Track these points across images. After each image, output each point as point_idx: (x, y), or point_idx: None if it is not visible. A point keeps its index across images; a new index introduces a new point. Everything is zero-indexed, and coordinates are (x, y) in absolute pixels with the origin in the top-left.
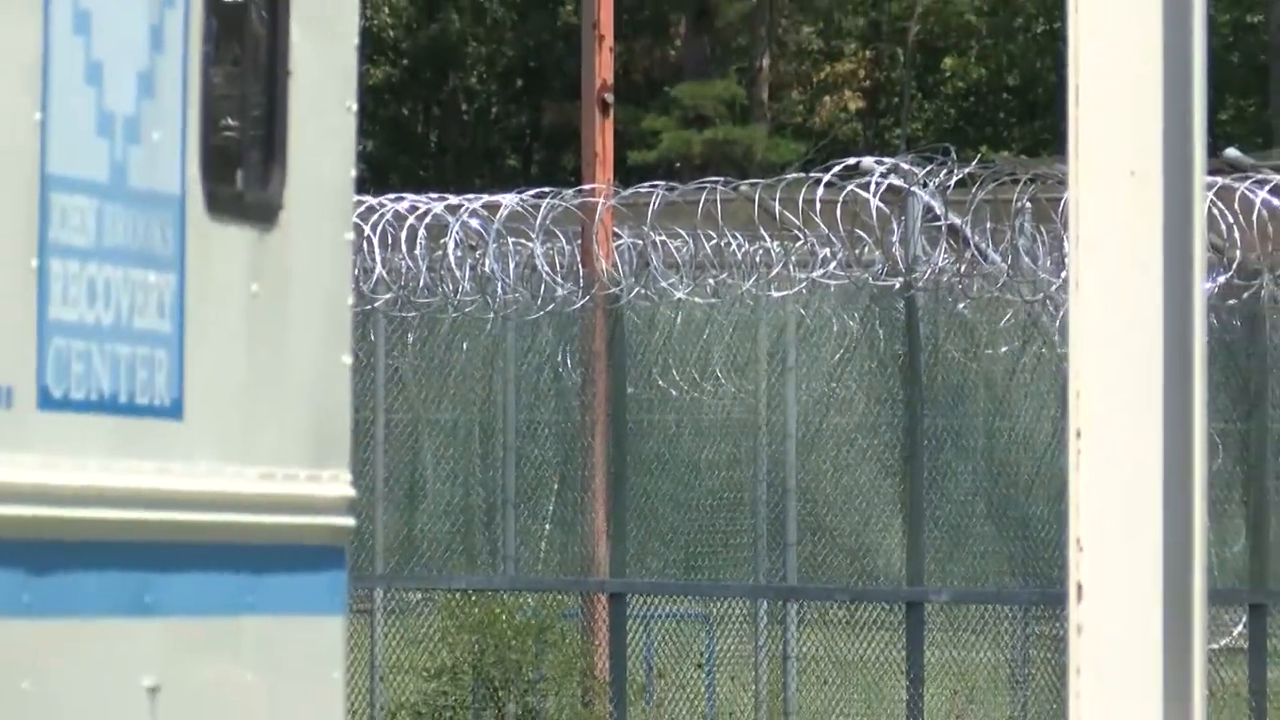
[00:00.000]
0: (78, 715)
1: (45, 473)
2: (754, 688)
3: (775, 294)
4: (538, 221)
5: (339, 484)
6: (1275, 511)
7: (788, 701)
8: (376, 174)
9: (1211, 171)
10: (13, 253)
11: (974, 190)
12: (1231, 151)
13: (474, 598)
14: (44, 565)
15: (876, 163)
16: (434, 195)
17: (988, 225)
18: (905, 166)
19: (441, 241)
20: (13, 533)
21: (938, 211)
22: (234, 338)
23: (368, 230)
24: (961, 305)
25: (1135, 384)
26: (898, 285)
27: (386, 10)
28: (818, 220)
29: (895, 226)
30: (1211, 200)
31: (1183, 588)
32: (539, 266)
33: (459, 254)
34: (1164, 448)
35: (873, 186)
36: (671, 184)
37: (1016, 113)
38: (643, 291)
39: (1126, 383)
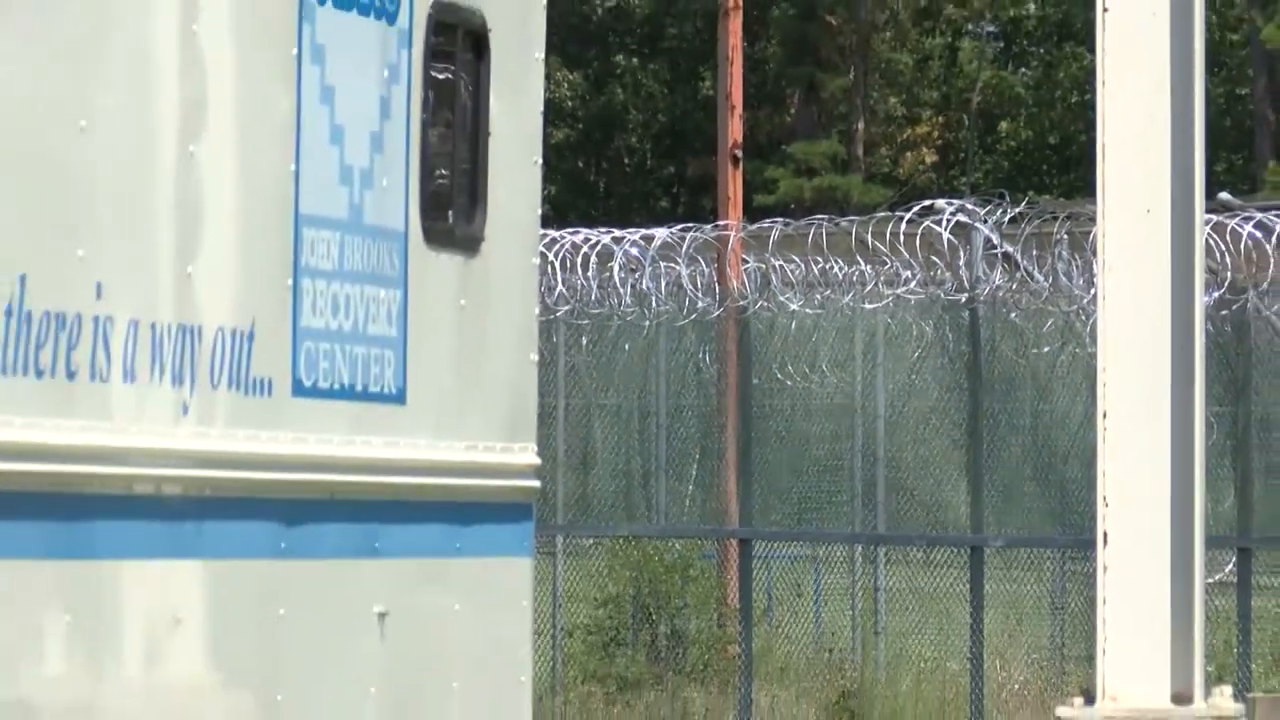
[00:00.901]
0: (323, 635)
1: (297, 445)
2: (851, 613)
3: (868, 306)
4: (683, 250)
5: (527, 454)
6: (1258, 476)
7: (877, 624)
8: (558, 213)
9: (1208, 210)
10: (273, 274)
11: (1023, 225)
12: (1224, 195)
13: (633, 543)
14: (296, 517)
15: (947, 204)
16: (602, 230)
17: (1034, 252)
18: (970, 207)
19: (608, 265)
20: (272, 493)
21: (995, 242)
22: (445, 341)
23: (550, 257)
24: (1013, 314)
25: (1149, 376)
26: (963, 299)
27: (565, 85)
28: (901, 249)
29: (962, 254)
30: (1208, 233)
31: (1185, 535)
32: (684, 285)
33: (622, 275)
34: (1171, 426)
35: (944, 222)
36: (787, 220)
37: (1056, 165)
38: (764, 304)
39: (1142, 375)
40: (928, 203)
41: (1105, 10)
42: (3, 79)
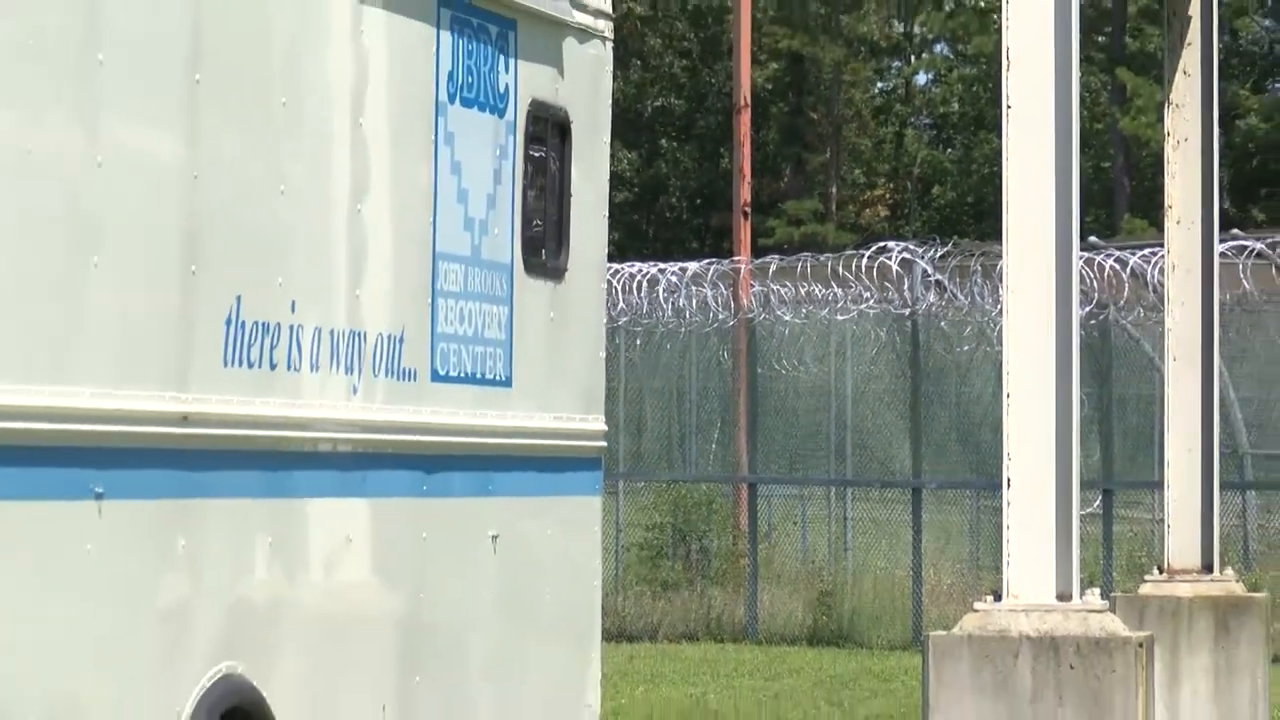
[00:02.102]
0: (452, 551)
1: (435, 417)
2: (827, 536)
3: (839, 318)
4: (708, 278)
5: (598, 422)
6: (1117, 437)
7: (846, 543)
8: (619, 252)
9: (1081, 249)
10: (417, 295)
11: (950, 260)
12: (1093, 238)
13: (672, 485)
14: (433, 468)
15: (895, 245)
16: (651, 263)
17: (957, 280)
18: (911, 247)
19: (655, 289)
20: (416, 450)
21: (929, 272)
22: (540, 342)
23: (614, 283)
24: (942, 324)
25: (1039, 367)
26: (907, 313)
27: (625, 161)
28: (863, 277)
29: (906, 281)
30: (1081, 265)
31: (1065, 480)
32: (709, 303)
33: (664, 296)
34: (1055, 402)
35: (894, 258)
36: (782, 257)
37: (973, 217)
38: (765, 317)
39: (1035, 367)
40: (882, 244)
41: (1009, 108)
42: (229, 160)
